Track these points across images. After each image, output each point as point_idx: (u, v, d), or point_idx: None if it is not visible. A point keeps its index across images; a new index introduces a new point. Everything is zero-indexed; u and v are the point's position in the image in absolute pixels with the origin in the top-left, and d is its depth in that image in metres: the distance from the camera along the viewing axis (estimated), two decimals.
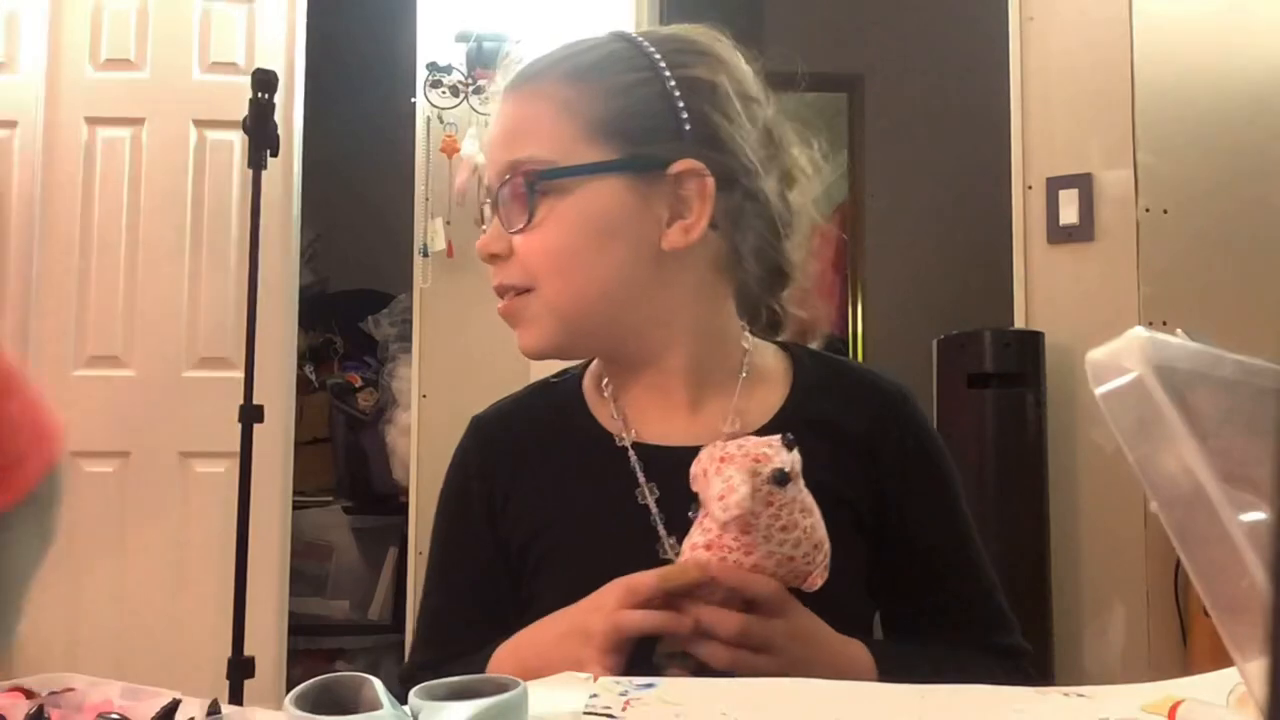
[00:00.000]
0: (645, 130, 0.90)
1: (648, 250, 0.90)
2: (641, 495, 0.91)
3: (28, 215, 3.06)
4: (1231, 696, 0.68)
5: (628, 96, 0.91)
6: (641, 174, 0.90)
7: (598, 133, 0.90)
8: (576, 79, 0.92)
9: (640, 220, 0.90)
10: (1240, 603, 0.42)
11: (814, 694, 0.72)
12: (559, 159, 0.90)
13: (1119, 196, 2.64)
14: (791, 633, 0.81)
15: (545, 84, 0.92)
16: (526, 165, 0.90)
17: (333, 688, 0.62)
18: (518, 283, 0.92)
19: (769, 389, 0.96)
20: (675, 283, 0.92)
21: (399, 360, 3.66)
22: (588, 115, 0.90)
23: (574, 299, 0.91)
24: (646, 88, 0.91)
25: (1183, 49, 2.67)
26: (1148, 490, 0.46)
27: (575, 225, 0.90)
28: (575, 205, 0.90)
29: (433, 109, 3.08)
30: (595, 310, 0.91)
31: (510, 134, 0.92)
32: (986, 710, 0.71)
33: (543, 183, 0.89)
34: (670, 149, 0.90)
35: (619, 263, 0.91)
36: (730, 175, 0.91)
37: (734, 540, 0.78)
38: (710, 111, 0.91)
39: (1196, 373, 0.48)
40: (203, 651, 2.75)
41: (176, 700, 0.66)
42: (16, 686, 0.69)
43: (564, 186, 0.89)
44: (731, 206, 0.92)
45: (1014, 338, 2.61)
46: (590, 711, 0.67)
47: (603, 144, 0.90)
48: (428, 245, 3.07)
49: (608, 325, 0.93)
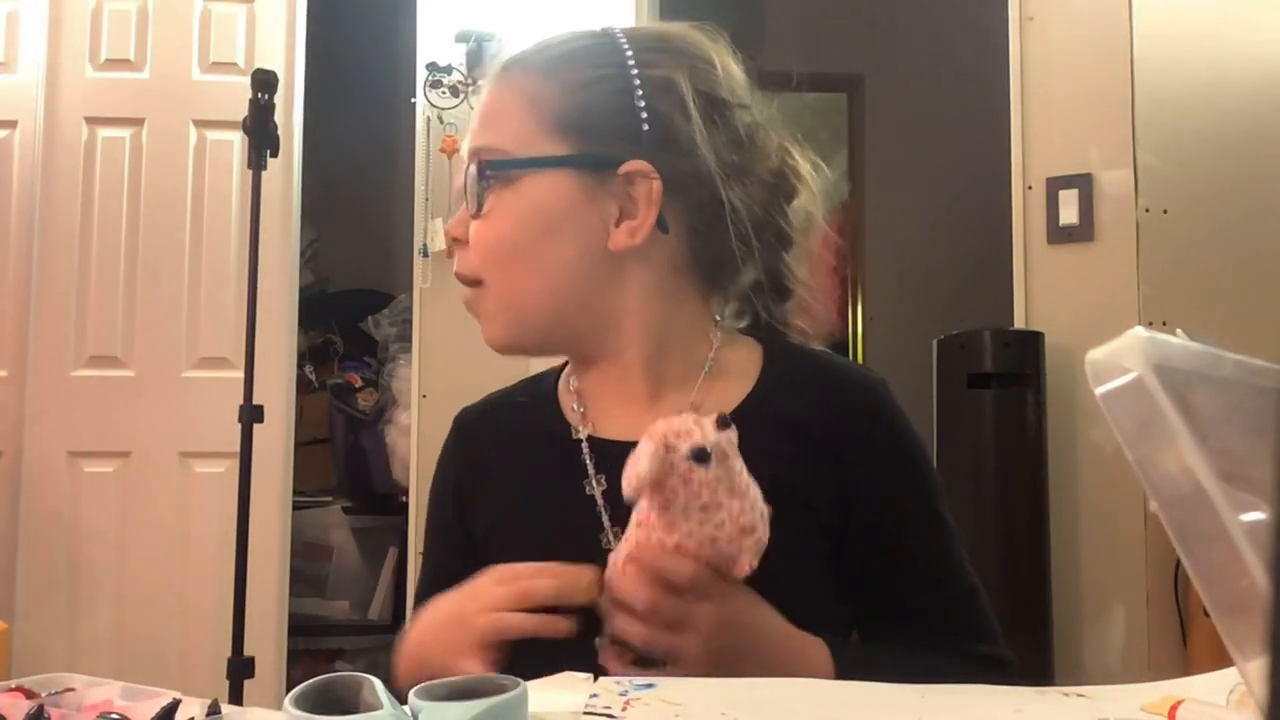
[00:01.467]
0: (600, 128, 0.89)
1: (595, 249, 0.89)
2: (589, 486, 0.91)
3: (28, 215, 3.06)
4: (1231, 696, 0.68)
5: (588, 92, 0.90)
6: (592, 172, 0.89)
7: (555, 127, 0.89)
8: (545, 72, 0.92)
9: (586, 218, 0.89)
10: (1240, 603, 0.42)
11: (814, 694, 0.72)
12: (515, 150, 0.90)
13: (1119, 196, 2.64)
14: (721, 618, 0.77)
15: (518, 74, 0.93)
16: (484, 154, 0.91)
17: (333, 688, 0.61)
18: (469, 273, 0.93)
19: (733, 384, 0.93)
20: (629, 282, 0.91)
21: (399, 360, 3.66)
22: (548, 109, 0.90)
23: (519, 294, 0.91)
24: (608, 84, 0.90)
25: (1183, 49, 2.67)
26: (1148, 490, 0.46)
27: (519, 218, 0.90)
28: (521, 198, 0.89)
29: (433, 109, 3.08)
30: (541, 306, 0.91)
31: (480, 121, 0.93)
32: (986, 710, 0.71)
33: (493, 172, 0.90)
34: (623, 149, 0.89)
35: (563, 259, 0.90)
36: (686, 179, 0.90)
37: (658, 518, 0.76)
38: (672, 113, 0.90)
39: (1196, 373, 0.48)
40: (203, 651, 2.75)
41: (176, 700, 0.66)
42: (16, 686, 0.69)
43: (513, 178, 0.89)
44: (689, 209, 0.91)
45: (1014, 338, 2.61)
46: (590, 711, 0.67)
47: (559, 139, 0.89)
48: (428, 245, 3.07)
49: (557, 322, 0.92)
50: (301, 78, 3.16)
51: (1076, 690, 0.73)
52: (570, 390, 0.97)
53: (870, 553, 0.90)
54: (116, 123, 3.11)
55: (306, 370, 3.76)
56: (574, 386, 0.97)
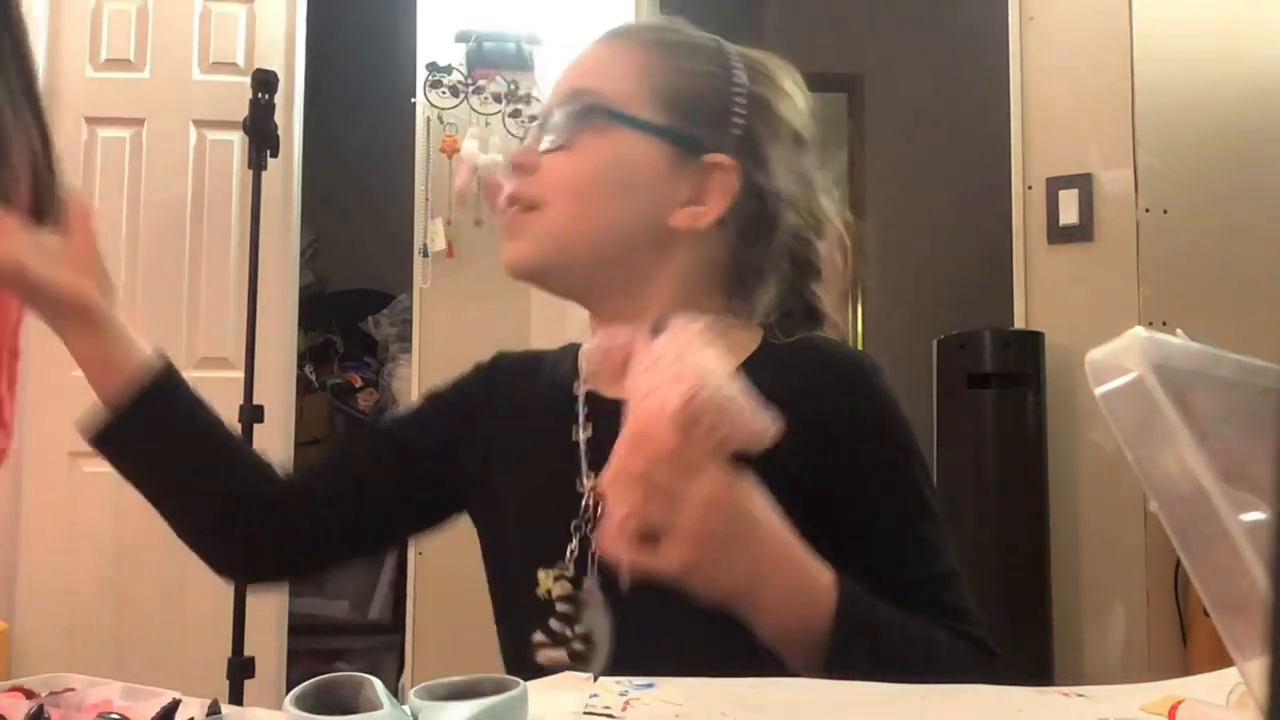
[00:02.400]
0: (698, 114, 0.95)
1: (658, 219, 0.94)
2: (574, 433, 0.95)
3: None
4: (1231, 696, 0.68)
5: (695, 80, 0.96)
6: (681, 149, 0.95)
7: (657, 98, 0.95)
8: (659, 49, 0.98)
9: (660, 188, 0.94)
10: (1240, 603, 0.42)
11: (814, 694, 0.72)
12: (617, 104, 0.95)
13: (1119, 196, 2.64)
14: (717, 491, 0.73)
15: (630, 42, 0.99)
16: (586, 96, 0.95)
17: (332, 688, 0.61)
18: (531, 196, 0.96)
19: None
20: (669, 260, 0.95)
21: (399, 360, 3.67)
22: (656, 80, 0.96)
23: (575, 227, 0.95)
24: (714, 81, 0.97)
25: (1183, 49, 2.68)
26: (1148, 490, 0.46)
27: (604, 163, 0.95)
28: (612, 147, 0.95)
29: (433, 109, 3.08)
30: (590, 246, 0.95)
31: (583, 68, 0.99)
32: (986, 710, 0.71)
33: (594, 114, 0.95)
34: (713, 139, 0.95)
35: (625, 215, 0.95)
36: (758, 190, 0.95)
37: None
38: (761, 128, 0.96)
39: (1196, 373, 0.48)
40: (203, 651, 2.75)
41: (176, 700, 0.66)
42: (16, 686, 0.69)
43: (608, 127, 0.95)
44: (747, 216, 0.95)
45: (1014, 338, 2.61)
46: (590, 711, 0.67)
47: (658, 109, 0.95)
48: (428, 245, 3.07)
49: (593, 269, 0.96)
50: (301, 78, 3.16)
51: (1076, 690, 0.73)
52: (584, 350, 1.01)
53: (853, 533, 0.88)
54: (116, 123, 3.11)
55: (306, 370, 3.77)
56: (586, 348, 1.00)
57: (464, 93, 3.06)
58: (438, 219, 3.05)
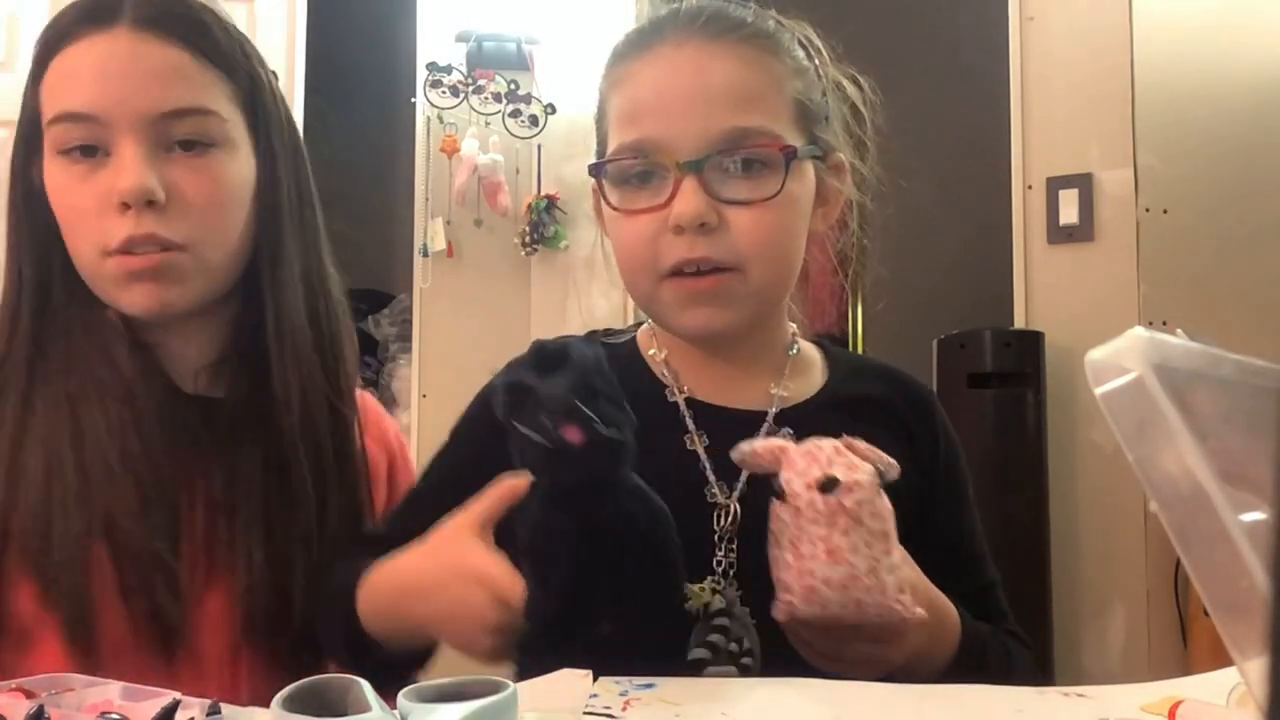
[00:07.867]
0: (814, 115, 0.91)
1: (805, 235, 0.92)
2: (690, 442, 0.90)
3: None
4: (1231, 696, 0.68)
5: (803, 79, 0.91)
6: (819, 160, 0.91)
7: (793, 109, 0.89)
8: (765, 46, 0.90)
9: (812, 205, 0.92)
10: (1240, 603, 0.42)
11: (814, 694, 0.72)
12: (784, 135, 0.87)
13: (1119, 196, 2.64)
14: (906, 579, 0.76)
15: (735, 42, 0.88)
16: (762, 138, 0.86)
17: (321, 689, 0.61)
18: (726, 260, 0.86)
19: (811, 370, 0.98)
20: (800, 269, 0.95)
21: (399, 360, 3.66)
22: (786, 90, 0.89)
23: (781, 282, 0.91)
24: (812, 74, 0.93)
25: (1183, 49, 2.67)
26: (1148, 490, 0.46)
27: (795, 206, 0.89)
28: (799, 188, 0.89)
29: (433, 109, 3.08)
30: (784, 293, 0.93)
31: (727, 95, 0.86)
32: (986, 710, 0.71)
33: (789, 160, 0.86)
34: (830, 138, 0.92)
35: (802, 246, 0.92)
36: (859, 176, 0.96)
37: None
38: (847, 115, 0.95)
39: (1196, 373, 0.48)
40: None
41: (176, 700, 0.66)
42: (16, 687, 0.69)
43: (787, 168, 0.86)
44: (854, 204, 0.97)
45: (1014, 338, 2.61)
46: (590, 711, 0.67)
47: (795, 124, 0.89)
48: (428, 245, 3.07)
49: (775, 309, 0.94)
50: (301, 78, 3.16)
51: (1076, 690, 0.73)
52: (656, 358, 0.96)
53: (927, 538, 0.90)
54: None
55: None
56: (662, 355, 0.95)
57: (464, 93, 3.06)
58: (438, 219, 3.05)
